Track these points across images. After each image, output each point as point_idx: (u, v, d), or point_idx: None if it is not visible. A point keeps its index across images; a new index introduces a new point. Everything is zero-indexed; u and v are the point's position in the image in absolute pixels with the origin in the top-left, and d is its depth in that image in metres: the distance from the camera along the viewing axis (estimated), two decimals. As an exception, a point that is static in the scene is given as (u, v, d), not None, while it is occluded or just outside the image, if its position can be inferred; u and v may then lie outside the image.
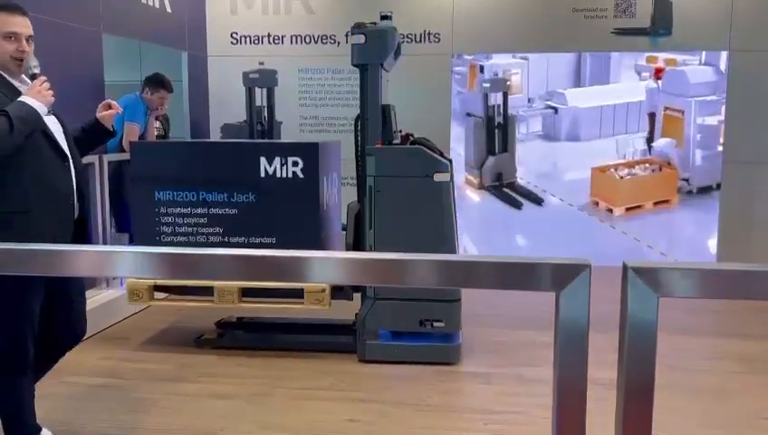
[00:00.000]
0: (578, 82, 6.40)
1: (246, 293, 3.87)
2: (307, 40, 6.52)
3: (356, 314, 4.06)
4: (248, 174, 3.88)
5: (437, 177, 3.75)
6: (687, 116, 6.28)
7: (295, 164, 3.86)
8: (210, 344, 4.15)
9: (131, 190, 4.09)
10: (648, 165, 6.42)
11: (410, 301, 3.80)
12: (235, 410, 3.28)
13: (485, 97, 6.48)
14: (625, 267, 1.03)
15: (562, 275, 1.04)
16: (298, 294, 3.81)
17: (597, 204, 6.53)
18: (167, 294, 4.03)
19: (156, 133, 5.62)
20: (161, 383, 3.60)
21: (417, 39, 6.36)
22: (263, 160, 3.87)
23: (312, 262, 1.16)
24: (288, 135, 6.43)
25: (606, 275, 2.05)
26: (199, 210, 3.93)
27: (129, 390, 3.51)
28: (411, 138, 4.07)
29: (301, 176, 3.86)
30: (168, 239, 3.95)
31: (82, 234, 2.73)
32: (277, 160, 3.86)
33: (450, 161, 3.96)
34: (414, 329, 3.86)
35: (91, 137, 2.91)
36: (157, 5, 5.65)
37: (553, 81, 6.43)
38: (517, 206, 6.62)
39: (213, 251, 1.19)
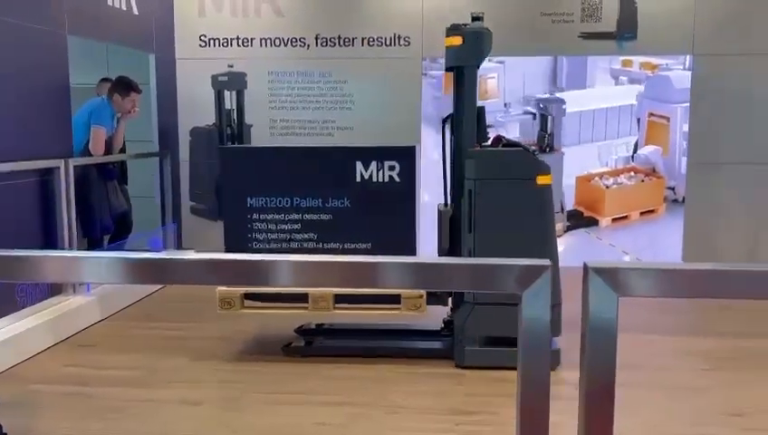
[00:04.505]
0: (554, 85, 6.37)
1: (339, 299, 3.77)
2: (277, 43, 6.49)
3: (444, 320, 4.05)
4: (343, 179, 3.85)
5: (540, 179, 3.69)
6: (673, 123, 6.25)
7: (392, 168, 3.83)
8: (299, 353, 4.02)
9: (223, 197, 4.02)
10: (633, 173, 6.35)
11: (511, 305, 3.65)
12: (205, 416, 3.25)
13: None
14: (586, 268, 1.06)
15: (525, 276, 1.06)
16: (394, 300, 3.73)
17: (581, 214, 6.45)
18: (257, 302, 3.90)
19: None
20: (129, 390, 3.55)
21: (387, 42, 6.35)
22: (358, 165, 3.83)
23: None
24: (258, 138, 6.40)
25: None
26: (293, 216, 3.88)
27: (96, 397, 3.46)
28: (503, 140, 4.03)
29: (397, 180, 3.83)
30: (261, 246, 3.90)
31: None
32: (373, 165, 3.83)
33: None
34: (514, 334, 3.73)
35: None
36: (123, 7, 5.59)
37: (530, 85, 6.39)
38: (596, 222, 6.40)
39: (185, 256, 1.19)
